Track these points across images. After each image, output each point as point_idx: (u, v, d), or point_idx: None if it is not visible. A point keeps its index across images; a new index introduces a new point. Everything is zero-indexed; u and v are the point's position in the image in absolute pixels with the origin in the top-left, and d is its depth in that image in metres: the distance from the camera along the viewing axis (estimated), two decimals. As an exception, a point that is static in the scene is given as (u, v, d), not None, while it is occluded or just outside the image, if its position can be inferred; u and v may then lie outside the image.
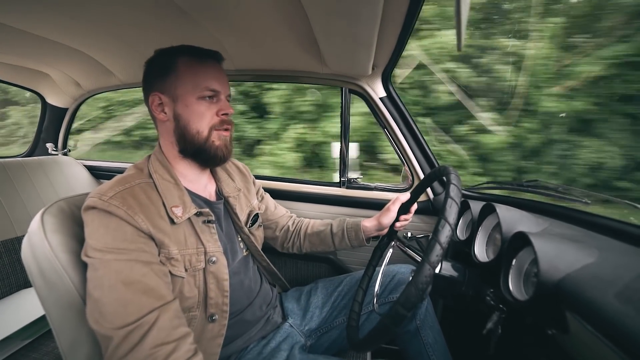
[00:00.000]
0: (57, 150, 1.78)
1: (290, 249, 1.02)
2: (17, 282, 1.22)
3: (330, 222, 0.99)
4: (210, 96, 0.70)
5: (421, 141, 1.19)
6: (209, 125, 0.70)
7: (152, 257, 0.60)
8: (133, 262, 0.57)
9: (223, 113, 0.72)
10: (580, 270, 0.55)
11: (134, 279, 0.56)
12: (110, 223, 0.58)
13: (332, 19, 0.67)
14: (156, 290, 0.57)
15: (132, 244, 0.58)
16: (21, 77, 1.49)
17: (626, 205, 0.80)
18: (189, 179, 0.75)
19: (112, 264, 0.56)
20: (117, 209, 0.58)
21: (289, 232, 1.01)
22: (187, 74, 0.69)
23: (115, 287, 0.54)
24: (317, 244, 0.99)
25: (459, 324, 1.08)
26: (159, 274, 0.60)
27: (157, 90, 0.70)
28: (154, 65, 0.72)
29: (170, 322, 0.56)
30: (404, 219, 0.92)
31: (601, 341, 0.45)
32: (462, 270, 0.73)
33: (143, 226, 0.60)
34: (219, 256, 0.71)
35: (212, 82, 0.70)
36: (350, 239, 0.94)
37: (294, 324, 0.89)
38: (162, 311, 0.56)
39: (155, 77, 0.71)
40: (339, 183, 1.33)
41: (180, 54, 0.70)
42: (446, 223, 0.51)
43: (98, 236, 0.57)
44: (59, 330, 0.63)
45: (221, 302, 0.71)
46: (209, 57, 0.72)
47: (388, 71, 1.09)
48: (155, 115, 0.72)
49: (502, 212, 0.77)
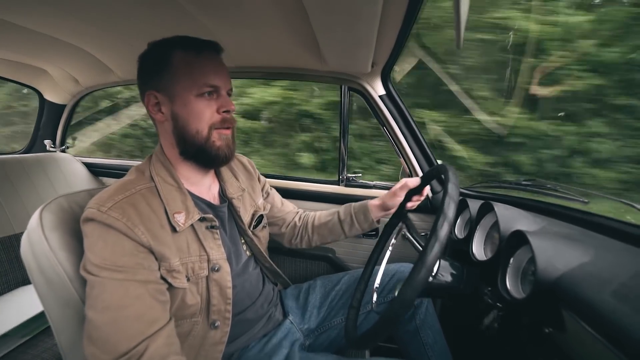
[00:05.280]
0: (56, 147, 1.77)
1: (299, 244, 1.00)
2: (15, 279, 1.22)
3: (337, 211, 0.97)
4: (210, 92, 0.66)
5: (420, 139, 1.19)
6: (208, 124, 0.66)
7: (150, 274, 0.59)
8: (129, 283, 0.56)
9: (224, 110, 0.67)
10: (578, 269, 0.55)
11: (128, 302, 0.55)
12: (109, 237, 0.57)
13: (331, 16, 0.66)
14: (149, 314, 0.56)
15: (131, 260, 0.57)
16: (19, 73, 1.48)
17: (623, 204, 0.80)
18: (191, 181, 0.72)
19: (107, 284, 0.54)
20: (116, 221, 0.57)
21: (296, 227, 0.99)
22: (183, 70, 0.63)
23: (107, 310, 0.53)
24: (326, 235, 0.97)
25: (458, 324, 1.08)
26: (155, 294, 0.58)
27: (152, 88, 0.65)
28: (148, 60, 0.67)
29: (160, 351, 0.54)
30: (416, 200, 0.89)
31: (598, 339, 0.45)
32: (460, 269, 0.73)
33: (143, 239, 0.58)
34: (222, 263, 0.70)
35: (211, 77, 0.65)
36: (359, 222, 0.92)
37: (294, 321, 0.89)
38: (152, 340, 0.54)
39: (149, 74, 0.66)
40: (338, 181, 1.33)
41: (175, 47, 0.64)
42: (444, 221, 0.51)
43: (97, 250, 0.56)
44: (59, 328, 0.63)
45: (224, 309, 0.70)
46: (206, 49, 0.67)
47: (387, 69, 1.09)
48: (152, 116, 0.68)
49: (500, 210, 0.78)
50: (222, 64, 0.70)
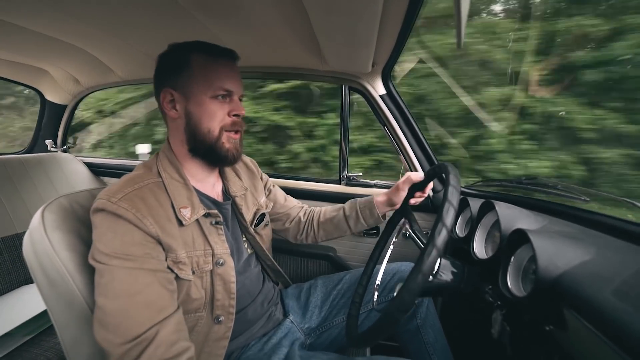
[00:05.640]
0: (57, 147, 1.78)
1: (305, 240, 1.01)
2: (17, 278, 1.22)
3: (342, 206, 0.97)
4: (224, 95, 0.70)
5: (421, 138, 1.19)
6: (220, 124, 0.69)
7: (158, 263, 0.60)
8: (138, 271, 0.57)
9: (235, 114, 0.71)
10: (579, 267, 0.56)
11: (137, 289, 0.56)
12: (118, 227, 0.58)
13: (332, 16, 0.66)
14: (158, 302, 0.58)
15: (140, 250, 0.58)
16: (20, 73, 1.48)
17: (624, 202, 0.80)
18: (197, 178, 0.74)
19: (117, 272, 0.56)
20: (126, 211, 0.58)
21: (301, 223, 1.00)
22: (201, 72, 0.67)
23: (118, 297, 0.55)
24: (331, 230, 0.98)
25: (459, 322, 1.08)
26: (164, 282, 0.60)
27: (169, 86, 0.69)
28: (167, 60, 0.71)
29: (169, 337, 0.56)
30: (419, 196, 0.89)
31: (599, 338, 0.45)
32: (461, 268, 0.73)
33: (152, 230, 0.60)
34: (226, 258, 0.71)
35: (227, 81, 0.69)
36: (365, 217, 0.93)
37: (295, 320, 0.90)
38: (162, 326, 0.56)
39: (167, 73, 0.70)
40: (339, 180, 1.33)
41: (194, 51, 0.69)
42: (443, 227, 0.51)
43: (106, 240, 0.57)
44: (61, 327, 0.63)
45: (227, 303, 0.71)
46: (224, 56, 0.71)
47: (388, 69, 1.09)
48: (166, 112, 0.71)
49: (501, 209, 0.78)
50: (237, 70, 0.74)
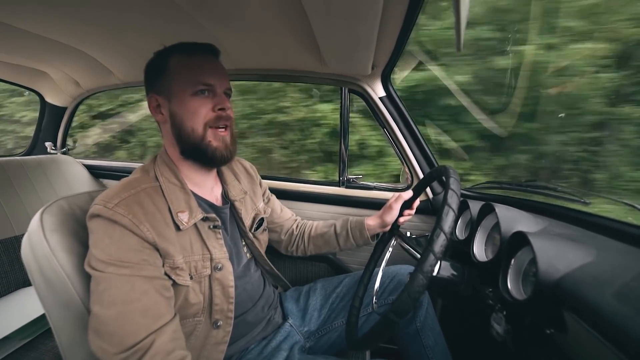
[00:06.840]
0: (56, 149, 1.77)
1: (295, 252, 1.01)
2: (15, 280, 1.22)
3: (334, 223, 0.98)
4: (205, 90, 0.68)
5: (420, 141, 1.19)
6: (203, 121, 0.67)
7: (155, 270, 0.60)
8: (135, 278, 0.56)
9: (219, 108, 0.68)
10: (579, 270, 0.55)
11: (134, 297, 0.55)
12: (114, 233, 0.57)
13: (331, 18, 0.67)
14: (155, 310, 0.57)
15: (136, 256, 0.58)
16: (20, 76, 1.49)
17: (625, 205, 0.80)
18: (194, 182, 0.73)
19: (113, 280, 0.55)
20: (122, 217, 0.57)
21: (293, 235, 1.00)
22: (179, 71, 0.67)
23: (114, 305, 0.54)
24: (321, 245, 0.98)
25: (459, 325, 1.08)
26: (160, 290, 0.59)
27: (153, 91, 0.69)
28: (150, 67, 0.71)
29: (166, 346, 0.55)
30: (408, 214, 0.91)
31: (599, 341, 0.45)
32: (461, 270, 0.73)
33: (148, 236, 0.59)
34: (224, 262, 0.70)
35: (206, 75, 0.67)
36: (355, 238, 0.93)
37: (294, 324, 0.89)
38: (159, 335, 0.55)
39: (151, 79, 0.70)
40: (339, 182, 1.33)
41: (173, 53, 0.69)
42: (441, 232, 0.52)
43: (102, 246, 0.57)
44: (59, 330, 0.63)
45: (226, 308, 0.71)
46: (201, 50, 0.70)
47: (388, 71, 1.09)
48: (155, 117, 0.71)
49: (501, 211, 0.78)
50: (218, 64, 0.72)
